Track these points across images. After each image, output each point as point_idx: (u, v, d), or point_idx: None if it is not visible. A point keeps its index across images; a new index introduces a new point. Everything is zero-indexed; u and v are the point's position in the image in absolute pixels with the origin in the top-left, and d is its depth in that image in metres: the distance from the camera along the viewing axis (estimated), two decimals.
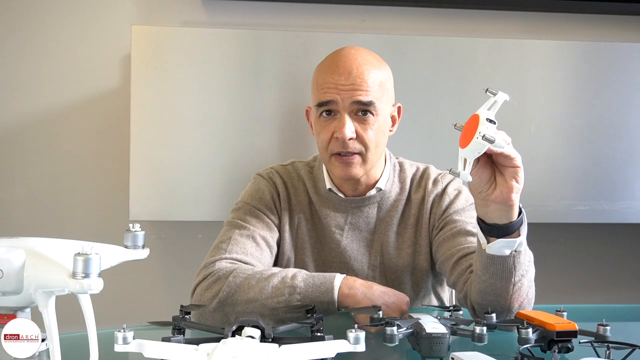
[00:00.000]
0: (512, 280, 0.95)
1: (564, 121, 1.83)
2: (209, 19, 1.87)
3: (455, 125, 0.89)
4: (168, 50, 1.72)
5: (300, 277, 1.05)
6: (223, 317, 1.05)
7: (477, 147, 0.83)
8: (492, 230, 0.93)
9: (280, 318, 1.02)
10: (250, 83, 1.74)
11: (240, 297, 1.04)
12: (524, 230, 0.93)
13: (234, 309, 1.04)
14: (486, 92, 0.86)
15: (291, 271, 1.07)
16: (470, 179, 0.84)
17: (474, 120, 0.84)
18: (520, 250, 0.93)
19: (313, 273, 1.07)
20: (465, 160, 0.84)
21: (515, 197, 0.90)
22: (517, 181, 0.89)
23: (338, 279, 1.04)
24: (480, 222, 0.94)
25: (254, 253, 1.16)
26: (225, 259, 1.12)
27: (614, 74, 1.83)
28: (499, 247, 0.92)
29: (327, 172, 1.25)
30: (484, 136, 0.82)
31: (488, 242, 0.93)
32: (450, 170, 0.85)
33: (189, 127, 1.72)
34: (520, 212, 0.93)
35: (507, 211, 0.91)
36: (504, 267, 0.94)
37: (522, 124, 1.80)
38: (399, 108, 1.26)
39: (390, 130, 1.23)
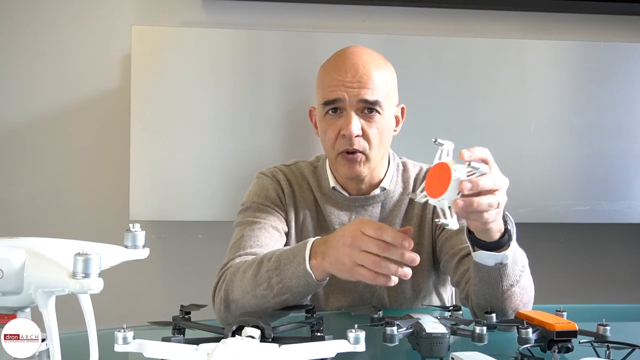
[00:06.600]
0: (500, 288, 0.94)
1: (564, 121, 1.83)
2: (209, 19, 1.87)
3: (435, 141, 0.82)
4: (168, 50, 1.72)
5: (274, 257, 0.97)
6: (230, 317, 1.01)
7: (454, 189, 0.77)
8: (474, 241, 0.92)
9: (266, 308, 0.96)
10: (250, 83, 1.74)
11: (234, 295, 1.00)
12: (511, 245, 0.91)
13: (237, 305, 1.00)
14: (435, 142, 0.82)
15: (267, 255, 0.99)
16: (457, 226, 0.77)
17: (441, 169, 0.79)
18: (506, 263, 0.92)
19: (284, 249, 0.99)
20: (443, 208, 0.78)
21: (483, 229, 0.86)
22: (484, 220, 0.82)
23: (307, 252, 0.94)
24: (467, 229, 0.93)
25: (269, 243, 1.13)
26: (239, 256, 1.09)
27: (614, 74, 1.83)
28: (482, 257, 0.92)
29: (332, 170, 1.25)
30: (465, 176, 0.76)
31: (474, 250, 0.93)
32: (439, 221, 0.78)
33: (189, 127, 1.72)
34: (505, 233, 0.90)
35: (482, 233, 0.89)
36: (490, 275, 0.94)
37: (522, 124, 1.80)
38: (402, 109, 1.26)
39: (394, 130, 1.24)
